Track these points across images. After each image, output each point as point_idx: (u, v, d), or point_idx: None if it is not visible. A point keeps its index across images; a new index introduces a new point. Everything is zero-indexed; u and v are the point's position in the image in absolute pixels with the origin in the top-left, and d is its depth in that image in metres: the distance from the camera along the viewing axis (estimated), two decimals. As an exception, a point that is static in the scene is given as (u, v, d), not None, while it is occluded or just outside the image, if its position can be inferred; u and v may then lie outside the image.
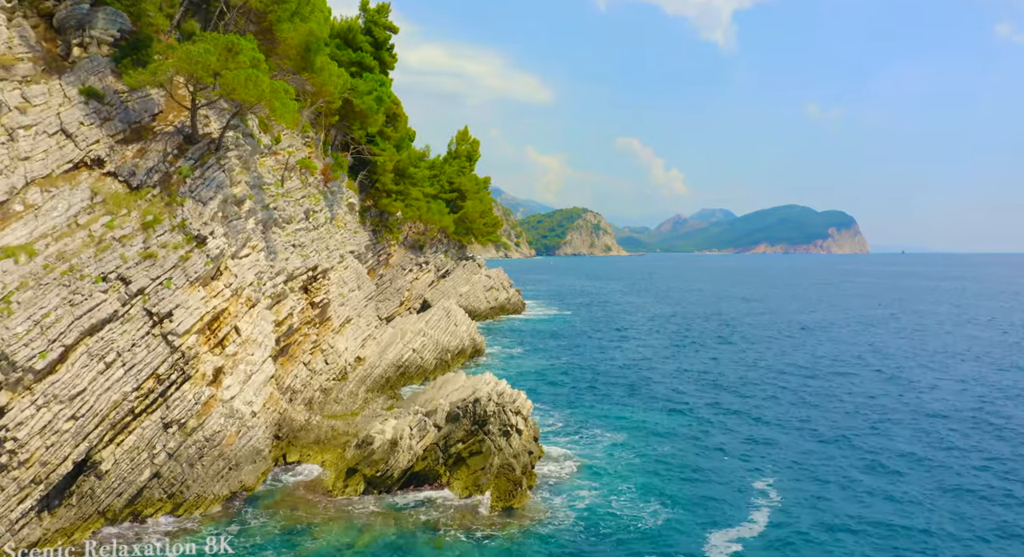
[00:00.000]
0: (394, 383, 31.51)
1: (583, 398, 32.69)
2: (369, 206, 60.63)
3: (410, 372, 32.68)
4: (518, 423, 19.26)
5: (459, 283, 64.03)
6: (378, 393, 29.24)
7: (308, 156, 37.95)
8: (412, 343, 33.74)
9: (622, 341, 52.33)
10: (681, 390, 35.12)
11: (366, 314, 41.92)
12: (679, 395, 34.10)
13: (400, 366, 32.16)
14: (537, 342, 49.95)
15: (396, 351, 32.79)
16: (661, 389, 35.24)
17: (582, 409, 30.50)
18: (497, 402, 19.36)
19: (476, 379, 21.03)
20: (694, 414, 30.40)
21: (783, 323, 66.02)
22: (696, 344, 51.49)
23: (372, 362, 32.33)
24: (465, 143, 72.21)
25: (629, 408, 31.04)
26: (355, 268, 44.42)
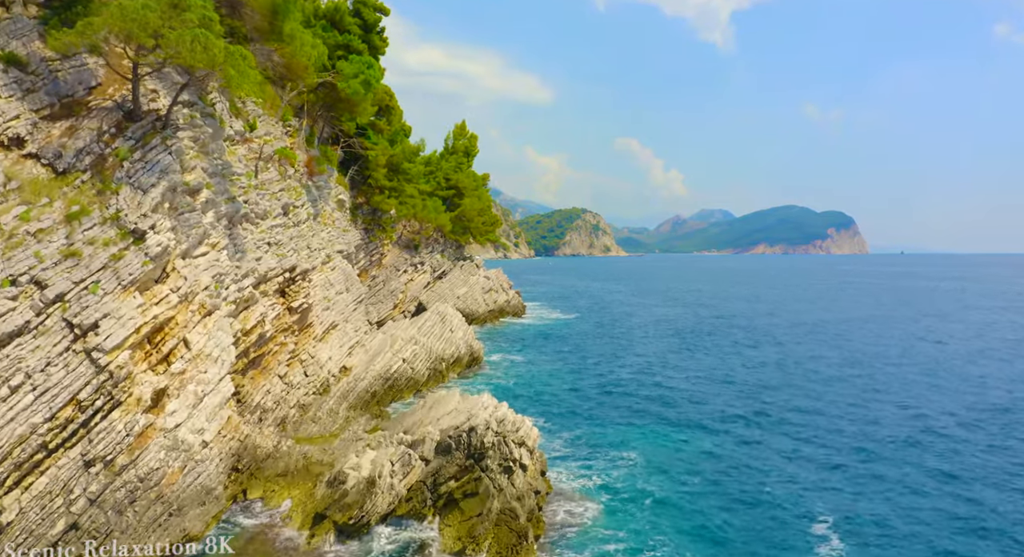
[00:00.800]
0: (381, 398, 28.15)
1: (595, 413, 29.32)
2: (361, 203, 57.30)
3: (399, 385, 29.33)
4: (522, 457, 15.96)
5: (456, 285, 60.70)
6: (361, 411, 25.88)
7: (290, 147, 34.63)
8: (402, 352, 30.41)
9: (631, 346, 49.03)
10: (703, 402, 31.80)
11: (354, 319, 38.63)
12: (702, 407, 30.78)
13: (388, 378, 28.82)
14: (540, 348, 46.61)
15: (384, 361, 29.46)
16: (680, 401, 31.92)
17: (595, 427, 27.13)
18: (497, 431, 16.06)
19: (472, 402, 17.74)
20: (723, 431, 27.06)
21: (796, 324, 62.74)
22: (709, 349, 48.16)
23: (357, 374, 29.00)
24: (463, 138, 68.89)
25: (648, 425, 27.67)
26: (343, 269, 41.11)
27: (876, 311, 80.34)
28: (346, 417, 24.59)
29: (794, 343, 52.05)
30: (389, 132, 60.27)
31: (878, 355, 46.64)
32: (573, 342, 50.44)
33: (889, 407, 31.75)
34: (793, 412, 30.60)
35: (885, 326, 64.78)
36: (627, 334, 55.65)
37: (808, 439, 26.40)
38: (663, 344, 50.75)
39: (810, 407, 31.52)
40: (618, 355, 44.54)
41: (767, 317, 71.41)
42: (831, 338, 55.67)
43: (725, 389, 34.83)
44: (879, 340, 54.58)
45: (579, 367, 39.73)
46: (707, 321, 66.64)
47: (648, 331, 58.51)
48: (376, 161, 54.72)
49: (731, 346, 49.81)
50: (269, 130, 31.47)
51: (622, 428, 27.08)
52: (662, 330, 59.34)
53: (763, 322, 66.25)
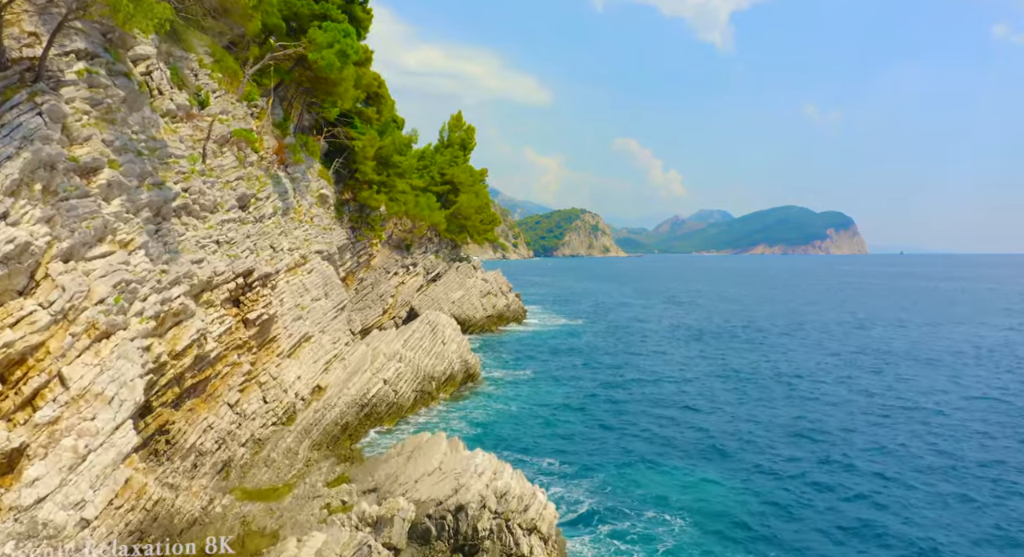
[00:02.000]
0: (355, 430, 23.23)
1: (620, 449, 24.02)
2: (347, 199, 52.39)
3: (379, 411, 24.41)
4: (534, 549, 11.11)
5: (451, 288, 55.79)
6: (327, 450, 20.93)
7: (255, 131, 29.74)
8: (383, 372, 25.51)
9: (648, 357, 44.04)
10: (748, 432, 26.50)
11: (333, 329, 33.73)
12: (749, 439, 25.54)
13: (365, 405, 23.90)
14: (545, 360, 41.62)
15: (361, 383, 24.56)
16: (721, 431, 26.66)
17: (622, 470, 21.81)
18: (496, 511, 11.29)
19: (462, 461, 12.89)
20: (784, 472, 21.79)
21: (819, 331, 57.95)
22: (739, 363, 42.89)
23: (329, 398, 24.10)
24: (459, 130, 64.00)
25: (690, 467, 22.40)
26: (321, 271, 36.16)
27: (918, 316, 75.49)
28: (307, 459, 19.65)
29: (830, 354, 47.12)
30: (379, 123, 55.38)
31: (956, 370, 41.42)
32: (582, 352, 45.49)
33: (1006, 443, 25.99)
34: (862, 438, 25.70)
35: (937, 335, 59.90)
36: (641, 343, 50.70)
37: (898, 480, 21.39)
38: (683, 354, 45.83)
39: (882, 438, 26.59)
40: (636, 369, 39.50)
41: (789, 324, 66.54)
42: (870, 346, 50.84)
43: (770, 414, 29.83)
44: (943, 354, 49.53)
45: (593, 385, 34.74)
46: (724, 328, 61.76)
47: (663, 339, 53.61)
48: (363, 153, 49.80)
49: (763, 360, 44.80)
50: (227, 108, 26.56)
51: (657, 471, 21.81)
52: (678, 337, 54.46)
53: (785, 330, 61.44)
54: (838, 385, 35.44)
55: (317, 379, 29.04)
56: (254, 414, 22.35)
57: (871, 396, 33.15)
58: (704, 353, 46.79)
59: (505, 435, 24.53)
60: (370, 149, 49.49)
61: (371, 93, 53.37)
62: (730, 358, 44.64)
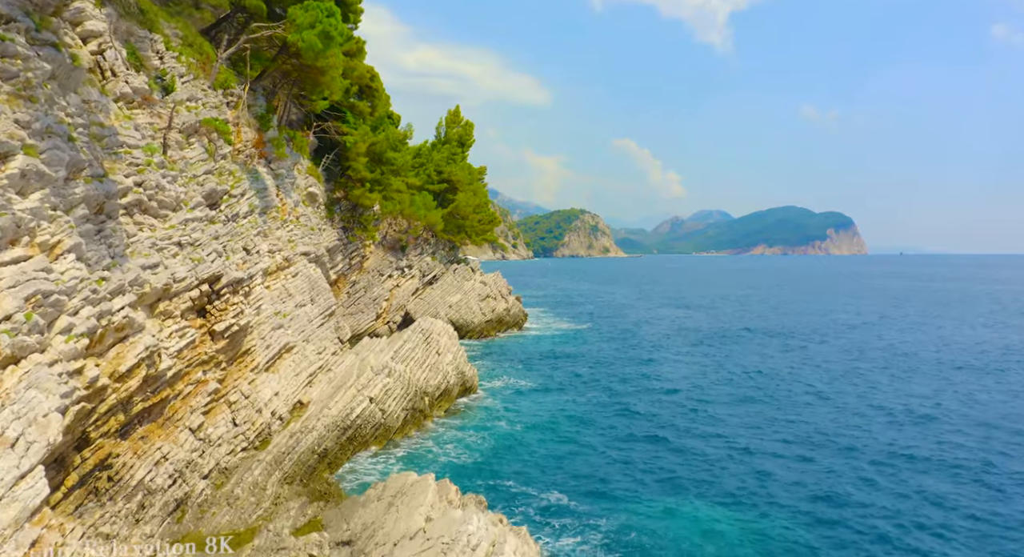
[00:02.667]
0: (336, 457, 20.56)
1: (641, 485, 20.92)
2: (338, 198, 49.82)
3: (363, 434, 21.75)
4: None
5: (449, 291, 53.18)
6: (300, 484, 18.24)
7: (231, 123, 27.14)
8: (369, 389, 22.87)
9: (661, 366, 41.31)
10: (792, 461, 23.03)
11: (319, 337, 31.17)
12: (794, 472, 21.94)
13: (347, 427, 21.24)
14: (549, 370, 38.89)
15: (343, 403, 21.93)
16: (762, 461, 23.02)
17: (646, 511, 18.62)
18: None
19: (452, 527, 10.26)
20: (847, 521, 18.23)
21: (844, 335, 55.39)
22: (760, 373, 40.08)
23: (307, 420, 21.49)
24: (456, 126, 61.38)
25: (727, 508, 18.97)
26: (307, 275, 33.61)
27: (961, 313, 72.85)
28: (276, 496, 16.98)
29: (874, 369, 44.36)
30: (373, 119, 52.79)
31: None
32: (587, 360, 42.81)
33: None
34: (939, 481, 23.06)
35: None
36: (653, 351, 48.01)
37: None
38: (698, 363, 43.15)
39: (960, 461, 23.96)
40: (646, 379, 36.77)
41: (806, 329, 63.92)
42: (900, 353, 48.24)
43: (809, 435, 26.99)
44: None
45: (601, 397, 32.04)
46: (738, 334, 59.15)
47: (675, 345, 50.95)
48: (355, 149, 47.23)
49: (787, 370, 42.12)
50: (196, 95, 23.95)
51: (689, 515, 18.47)
52: (690, 344, 51.83)
53: (800, 326, 58.84)
54: (894, 404, 32.68)
55: (299, 394, 26.43)
56: (220, 439, 19.72)
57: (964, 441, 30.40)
58: (719, 360, 44.18)
59: (505, 462, 21.87)
60: (362, 145, 46.93)
61: (363, 86, 50.83)
62: (749, 370, 42.02)
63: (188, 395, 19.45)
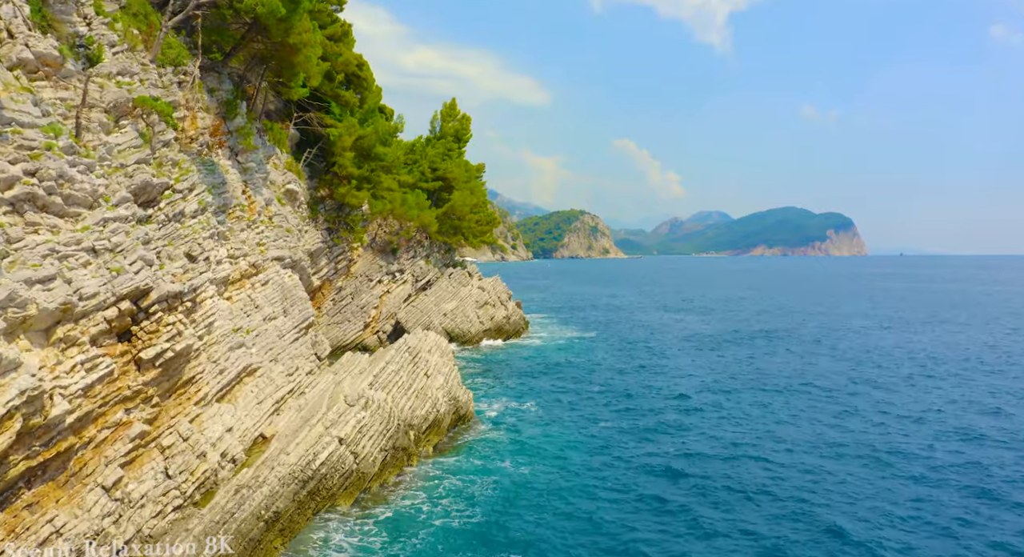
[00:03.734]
0: (291, 520, 16.37)
1: (669, 538, 17.51)
2: (323, 197, 45.78)
3: (329, 486, 17.57)
4: None
5: (444, 298, 49.08)
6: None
7: (183, 106, 23.05)
8: (339, 426, 18.72)
9: (679, 382, 36.81)
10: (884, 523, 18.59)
11: (292, 355, 27.13)
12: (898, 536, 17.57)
13: (308, 479, 17.08)
14: (556, 389, 34.39)
15: (305, 445, 17.78)
16: (829, 515, 18.99)
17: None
18: None
19: None
20: None
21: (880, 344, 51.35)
22: (793, 387, 35.71)
23: (261, 468, 17.36)
24: (452, 120, 57.29)
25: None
26: (280, 283, 29.53)
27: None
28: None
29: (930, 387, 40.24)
30: (363, 111, 48.73)
31: None
32: (598, 375, 38.46)
33: None
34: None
35: None
36: (667, 362, 43.67)
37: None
38: (718, 374, 38.97)
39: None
40: (671, 401, 31.61)
41: (824, 333, 59.80)
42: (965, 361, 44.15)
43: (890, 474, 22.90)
44: None
45: (621, 424, 27.42)
46: (753, 339, 55.04)
47: (691, 355, 46.73)
48: (340, 143, 43.18)
49: (822, 386, 37.97)
50: (130, 70, 19.85)
51: None
52: (706, 352, 47.70)
53: (827, 334, 54.75)
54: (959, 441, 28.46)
55: (261, 426, 22.32)
56: (145, 497, 15.59)
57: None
58: (737, 371, 40.10)
59: (514, 525, 17.43)
60: (348, 138, 42.88)
61: (350, 75, 46.77)
62: (780, 380, 37.92)
63: (103, 442, 15.35)
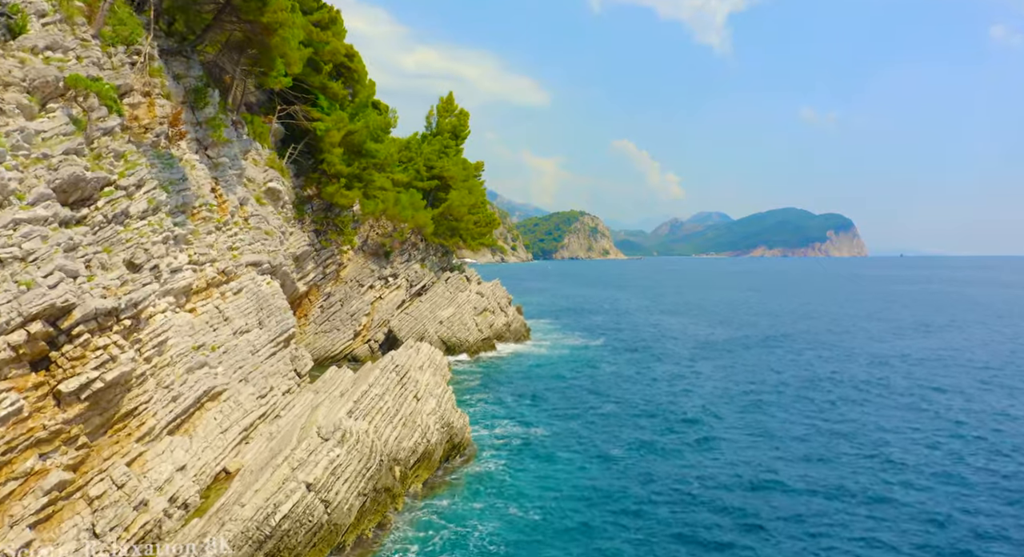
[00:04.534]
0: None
1: None
2: (310, 196, 42.79)
3: (293, 544, 14.54)
4: None
5: (440, 304, 46.06)
6: None
7: (135, 91, 20.08)
8: (308, 468, 15.67)
9: (699, 398, 33.35)
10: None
11: (266, 372, 24.21)
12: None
13: (267, 538, 14.06)
14: (560, 408, 30.62)
15: (265, 493, 14.73)
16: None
17: None
18: None
19: None
20: None
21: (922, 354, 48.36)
22: (827, 403, 32.46)
23: (209, 524, 14.32)
24: (449, 115, 54.26)
25: None
26: (255, 292, 26.56)
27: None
28: None
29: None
30: (354, 105, 45.74)
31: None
32: (610, 392, 34.92)
33: None
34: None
35: None
36: (684, 373, 40.42)
37: None
38: (743, 391, 35.80)
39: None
40: (693, 422, 28.17)
41: (842, 339, 56.75)
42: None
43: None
44: None
45: (646, 457, 23.50)
46: (767, 344, 52.00)
47: (706, 365, 43.63)
48: (328, 138, 40.18)
49: (851, 397, 34.89)
50: (63, 44, 16.84)
51: None
52: (721, 362, 44.69)
53: (848, 348, 51.78)
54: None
55: (224, 460, 19.33)
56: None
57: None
58: (756, 382, 37.09)
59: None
60: (336, 133, 39.87)
61: (340, 66, 43.79)
62: (802, 389, 34.91)
63: (7, 498, 12.35)
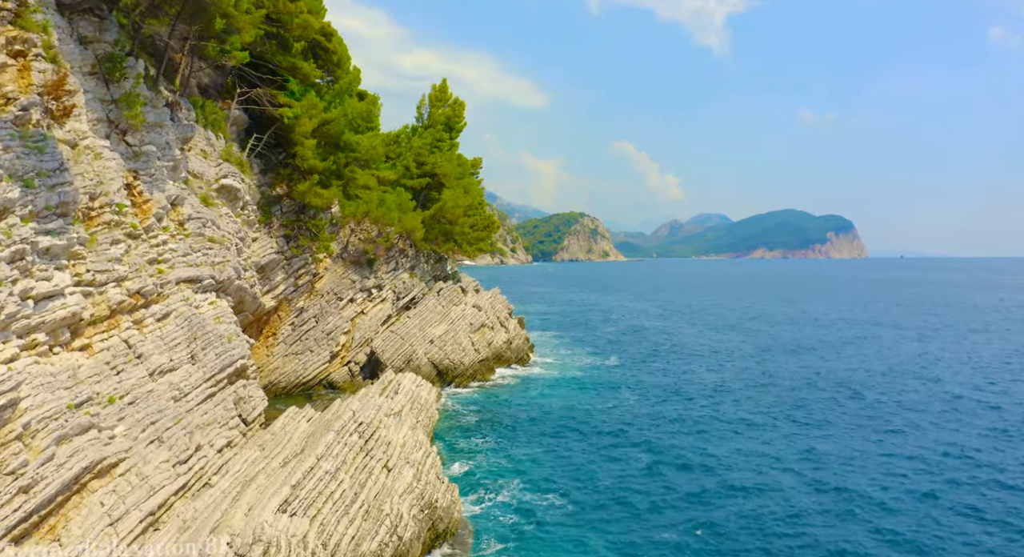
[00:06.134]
0: None
1: None
2: (280, 196, 36.89)
3: None
4: None
5: (431, 320, 40.10)
6: None
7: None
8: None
9: (744, 440, 27.71)
10: None
11: (187, 428, 18.40)
12: None
13: None
14: (582, 463, 23.55)
15: None
16: None
17: None
18: None
19: None
20: None
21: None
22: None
23: None
24: (443, 105, 48.30)
25: None
26: (187, 317, 20.69)
27: None
28: None
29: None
30: (332, 92, 39.86)
31: None
32: (643, 436, 27.22)
33: None
34: None
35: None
36: (723, 403, 34.39)
37: None
38: (803, 429, 30.01)
39: None
40: (755, 497, 21.00)
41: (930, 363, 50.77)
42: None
43: None
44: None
45: (715, 533, 18.11)
46: (824, 376, 46.02)
47: (746, 394, 37.64)
48: (299, 127, 34.25)
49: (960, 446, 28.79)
50: None
51: None
52: (766, 391, 38.77)
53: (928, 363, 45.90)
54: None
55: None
56: None
57: None
58: (840, 424, 31.16)
59: None
60: (307, 121, 33.94)
61: (316, 47, 37.86)
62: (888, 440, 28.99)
63: None
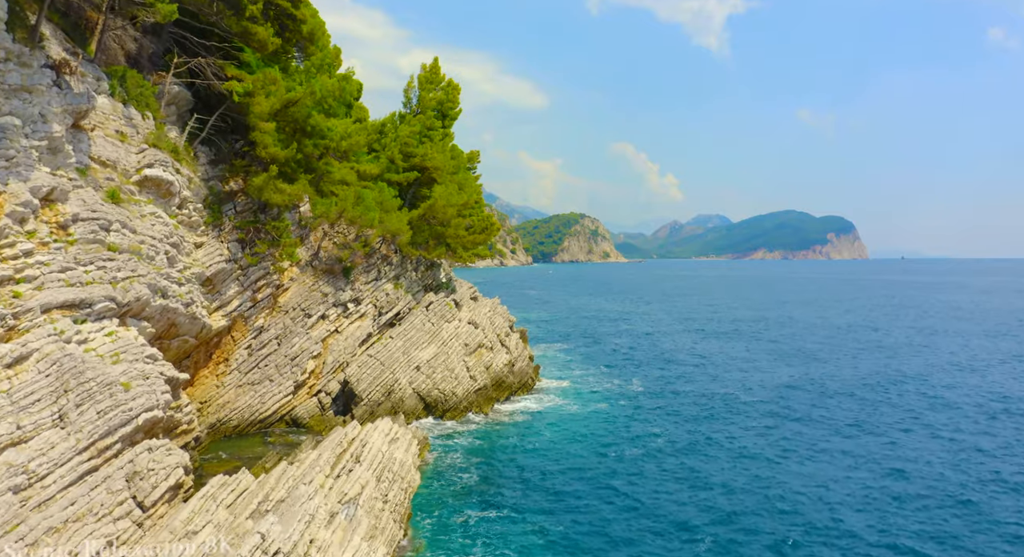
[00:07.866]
0: None
1: None
2: (233, 192, 30.51)
3: None
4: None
5: (417, 341, 33.67)
6: None
7: None
8: None
9: (821, 513, 21.57)
10: None
11: (59, 518, 11.75)
12: None
13: None
14: (621, 545, 18.30)
15: None
16: None
17: None
18: None
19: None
20: None
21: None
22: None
23: None
24: (434, 88, 41.82)
25: None
26: (57, 360, 13.93)
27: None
28: None
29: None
30: (302, 71, 33.52)
31: None
32: (687, 497, 21.24)
33: None
34: None
35: None
36: (777, 451, 28.33)
37: None
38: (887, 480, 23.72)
39: None
40: None
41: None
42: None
43: None
44: None
45: None
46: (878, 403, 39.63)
47: (801, 433, 31.40)
48: (254, 107, 27.88)
49: None
50: None
51: None
52: (820, 427, 32.41)
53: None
54: None
55: None
56: None
57: None
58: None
59: None
60: (263, 100, 27.52)
61: (278, 12, 31.39)
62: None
63: None
